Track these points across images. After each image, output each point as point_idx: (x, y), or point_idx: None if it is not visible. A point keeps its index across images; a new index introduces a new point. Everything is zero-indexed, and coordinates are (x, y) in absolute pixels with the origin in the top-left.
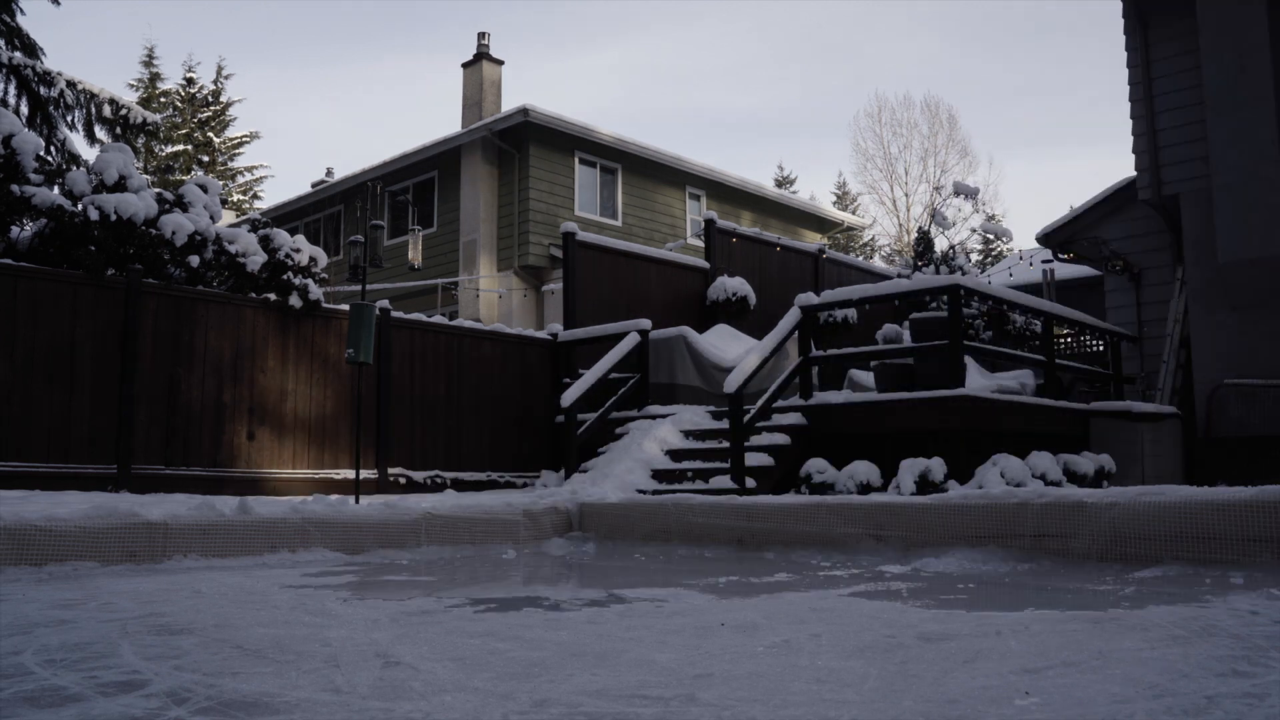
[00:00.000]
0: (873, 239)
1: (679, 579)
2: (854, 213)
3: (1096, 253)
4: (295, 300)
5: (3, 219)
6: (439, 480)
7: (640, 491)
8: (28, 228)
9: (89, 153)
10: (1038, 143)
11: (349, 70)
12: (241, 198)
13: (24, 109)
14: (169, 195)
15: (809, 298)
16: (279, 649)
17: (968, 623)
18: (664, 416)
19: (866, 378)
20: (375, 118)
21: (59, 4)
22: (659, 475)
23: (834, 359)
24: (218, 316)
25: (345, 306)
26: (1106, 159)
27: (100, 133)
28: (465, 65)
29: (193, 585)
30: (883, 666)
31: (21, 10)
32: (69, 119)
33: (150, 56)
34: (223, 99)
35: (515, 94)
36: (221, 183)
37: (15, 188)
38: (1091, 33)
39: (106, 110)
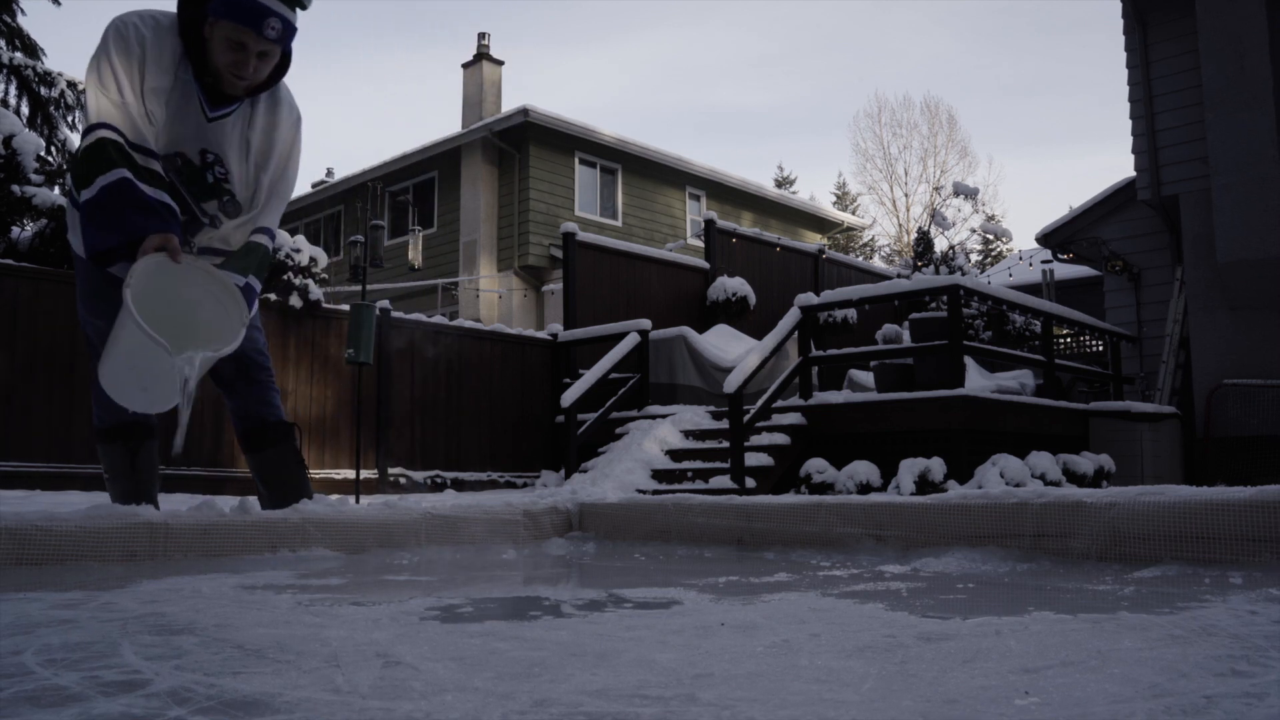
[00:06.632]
0: (873, 239)
1: (679, 579)
2: (854, 213)
3: (1096, 253)
4: (295, 300)
5: (3, 219)
6: (439, 480)
7: (640, 491)
8: (28, 228)
9: None
10: (1038, 143)
11: (349, 70)
12: None
13: (25, 109)
14: None
15: (809, 298)
16: (279, 649)
17: (967, 622)
18: (664, 416)
19: (866, 378)
20: (375, 117)
21: (59, 4)
22: (659, 475)
23: (834, 359)
24: None
25: (345, 307)
26: (1106, 159)
27: None
28: (465, 65)
29: (193, 585)
30: (882, 666)
31: (22, 10)
32: (70, 119)
33: None
34: None
35: (515, 94)
36: None
37: (16, 188)
38: (1091, 33)
39: None
